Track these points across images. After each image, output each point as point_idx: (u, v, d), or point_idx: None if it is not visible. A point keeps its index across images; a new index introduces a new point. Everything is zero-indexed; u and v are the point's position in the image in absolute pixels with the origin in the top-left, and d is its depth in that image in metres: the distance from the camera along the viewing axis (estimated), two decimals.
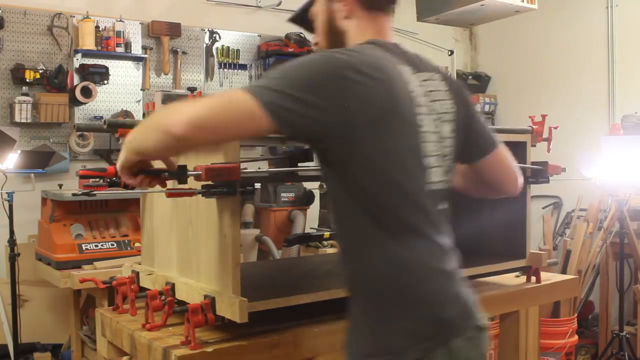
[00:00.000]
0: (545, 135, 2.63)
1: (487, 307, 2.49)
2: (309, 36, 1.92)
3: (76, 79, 4.60)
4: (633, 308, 4.82)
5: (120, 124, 2.07)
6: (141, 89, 4.90)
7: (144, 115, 4.73)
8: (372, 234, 1.41)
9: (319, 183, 5.12)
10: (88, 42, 4.58)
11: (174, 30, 5.00)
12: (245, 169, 1.84)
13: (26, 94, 4.37)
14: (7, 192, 3.68)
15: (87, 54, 4.60)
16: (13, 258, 3.67)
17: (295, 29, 5.60)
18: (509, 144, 2.53)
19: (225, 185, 1.75)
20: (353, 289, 1.49)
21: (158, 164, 1.57)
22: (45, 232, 3.86)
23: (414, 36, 6.28)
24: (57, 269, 3.60)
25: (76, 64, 4.60)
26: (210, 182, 1.75)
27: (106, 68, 4.66)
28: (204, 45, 5.21)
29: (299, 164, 2.42)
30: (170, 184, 2.08)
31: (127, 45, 4.77)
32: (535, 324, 2.62)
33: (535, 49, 6.11)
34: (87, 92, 4.52)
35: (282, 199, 4.82)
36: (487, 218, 2.72)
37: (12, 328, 3.76)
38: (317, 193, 4.82)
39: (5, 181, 3.81)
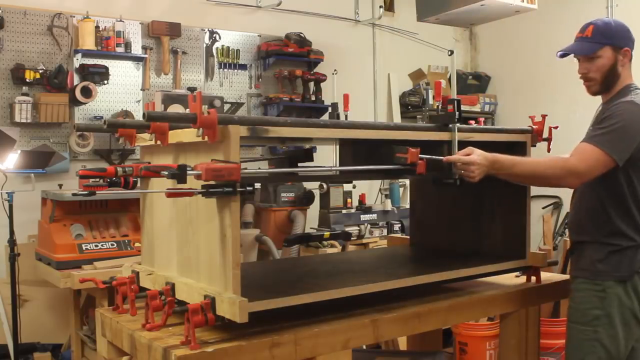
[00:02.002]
0: (545, 135, 2.63)
1: (487, 307, 2.50)
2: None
3: (76, 79, 4.59)
4: None
5: (120, 124, 2.07)
6: (141, 89, 4.90)
7: (143, 115, 4.72)
8: None
9: (319, 183, 5.13)
10: (88, 42, 4.57)
11: (174, 30, 5.00)
12: (245, 169, 1.84)
13: (26, 94, 4.36)
14: (7, 192, 3.68)
15: (87, 54, 4.60)
16: (13, 258, 3.67)
17: (295, 28, 5.62)
18: (509, 144, 2.55)
19: (225, 185, 1.75)
20: None
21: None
22: (45, 232, 3.85)
23: (414, 36, 6.29)
24: (57, 269, 3.60)
25: (76, 64, 4.59)
26: (210, 182, 1.75)
27: (106, 68, 4.65)
28: (204, 45, 5.21)
29: (299, 164, 2.42)
30: (171, 183, 2.08)
31: (127, 45, 4.77)
32: (535, 324, 2.62)
33: (535, 49, 6.11)
34: (87, 92, 4.51)
35: (282, 199, 4.82)
36: (487, 218, 2.72)
37: (12, 328, 3.75)
38: (317, 193, 4.82)
39: (5, 181, 3.81)
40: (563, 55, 2.45)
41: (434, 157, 2.22)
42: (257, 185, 1.88)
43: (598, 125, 2.26)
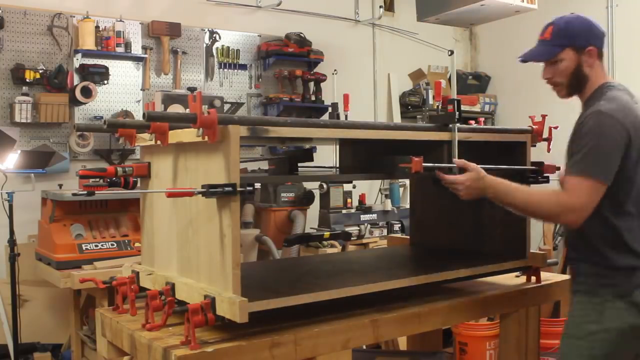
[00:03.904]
0: (545, 135, 2.63)
1: (487, 307, 2.50)
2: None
3: (76, 79, 4.59)
4: None
5: (120, 124, 2.07)
6: (141, 89, 4.90)
7: (143, 115, 4.71)
8: None
9: (319, 183, 5.12)
10: (88, 42, 4.57)
11: (174, 30, 5.00)
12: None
13: (26, 94, 4.36)
14: (7, 192, 3.67)
15: (87, 54, 4.60)
16: (13, 258, 3.66)
17: (295, 28, 5.62)
18: (509, 143, 2.55)
19: (225, 185, 1.75)
20: None
21: None
22: (45, 232, 3.85)
23: (414, 36, 6.29)
24: (57, 269, 3.60)
25: (76, 64, 4.59)
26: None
27: (106, 68, 4.65)
28: (204, 45, 5.21)
29: (299, 164, 2.42)
30: (170, 184, 2.09)
31: (127, 45, 4.77)
32: (535, 324, 2.62)
33: None
34: (87, 92, 4.51)
35: (282, 199, 4.82)
36: (487, 218, 2.72)
37: (12, 328, 3.75)
38: (317, 193, 4.82)
39: (5, 181, 3.81)
40: (524, 61, 2.30)
41: (436, 164, 2.23)
42: (257, 185, 1.88)
43: (575, 147, 2.10)
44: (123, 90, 4.81)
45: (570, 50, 2.17)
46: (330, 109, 2.72)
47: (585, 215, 2.04)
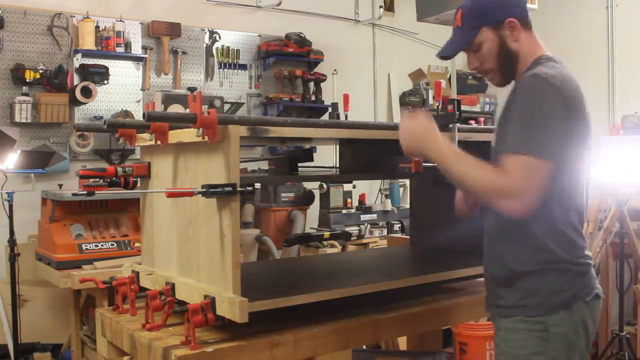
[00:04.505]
0: None
1: None
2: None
3: (76, 79, 4.59)
4: (633, 308, 4.81)
5: (120, 124, 2.07)
6: (141, 89, 4.90)
7: (143, 115, 4.71)
8: None
9: (319, 183, 5.12)
10: (88, 42, 4.57)
11: (174, 30, 5.00)
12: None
13: (26, 94, 4.36)
14: (7, 192, 3.67)
15: (87, 54, 4.60)
16: (13, 258, 3.66)
17: (295, 28, 5.61)
18: None
19: (225, 185, 1.76)
20: None
21: None
22: (45, 232, 3.85)
23: (414, 36, 6.29)
24: (57, 269, 3.60)
25: (76, 64, 4.59)
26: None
27: (106, 68, 4.65)
28: (204, 45, 5.21)
29: (299, 164, 2.42)
30: (170, 184, 2.09)
31: (127, 45, 4.77)
32: None
33: None
34: (87, 92, 4.51)
35: (282, 199, 4.82)
36: None
37: (12, 328, 3.75)
38: (317, 193, 4.82)
39: (5, 181, 3.81)
40: (444, 57, 1.99)
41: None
42: (257, 185, 1.88)
43: (507, 121, 1.84)
44: (123, 90, 4.82)
45: (486, 29, 1.84)
46: (330, 109, 2.72)
47: (530, 201, 1.69)
